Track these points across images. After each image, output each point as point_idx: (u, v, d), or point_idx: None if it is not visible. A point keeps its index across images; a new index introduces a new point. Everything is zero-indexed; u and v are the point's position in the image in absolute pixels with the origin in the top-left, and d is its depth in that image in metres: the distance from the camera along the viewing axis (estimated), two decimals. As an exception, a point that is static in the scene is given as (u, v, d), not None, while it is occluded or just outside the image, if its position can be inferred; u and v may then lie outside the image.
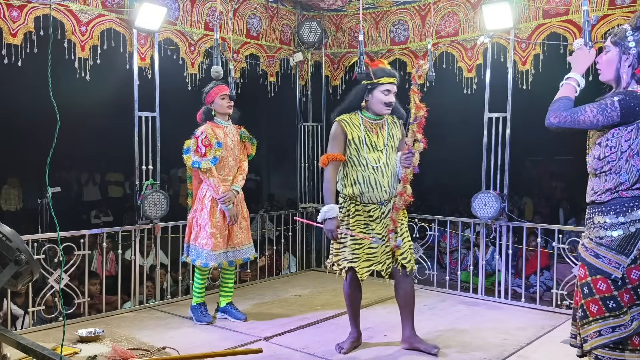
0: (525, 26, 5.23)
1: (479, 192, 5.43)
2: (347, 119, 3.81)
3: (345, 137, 3.78)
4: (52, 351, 2.28)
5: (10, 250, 2.38)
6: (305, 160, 6.79)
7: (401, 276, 3.84)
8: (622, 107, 2.38)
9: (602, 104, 2.42)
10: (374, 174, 3.77)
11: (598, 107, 2.41)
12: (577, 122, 2.42)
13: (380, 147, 3.81)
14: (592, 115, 2.41)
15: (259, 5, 6.10)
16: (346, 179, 3.83)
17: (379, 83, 3.76)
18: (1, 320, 4.47)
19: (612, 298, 2.40)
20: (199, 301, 4.64)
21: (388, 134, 3.86)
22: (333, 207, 3.71)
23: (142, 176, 5.17)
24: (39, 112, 5.56)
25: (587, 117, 2.41)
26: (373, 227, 3.79)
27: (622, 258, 2.39)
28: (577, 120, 2.42)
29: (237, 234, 4.60)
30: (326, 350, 3.98)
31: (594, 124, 2.43)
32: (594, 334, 2.44)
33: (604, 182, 2.48)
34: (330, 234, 3.74)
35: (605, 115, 2.40)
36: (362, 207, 3.80)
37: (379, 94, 3.77)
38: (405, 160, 3.69)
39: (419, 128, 3.67)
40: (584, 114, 2.42)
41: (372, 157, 3.79)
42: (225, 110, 4.56)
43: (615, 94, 2.46)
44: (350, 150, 3.79)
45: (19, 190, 11.26)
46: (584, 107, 2.43)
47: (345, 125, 3.79)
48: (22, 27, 4.39)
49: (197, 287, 4.63)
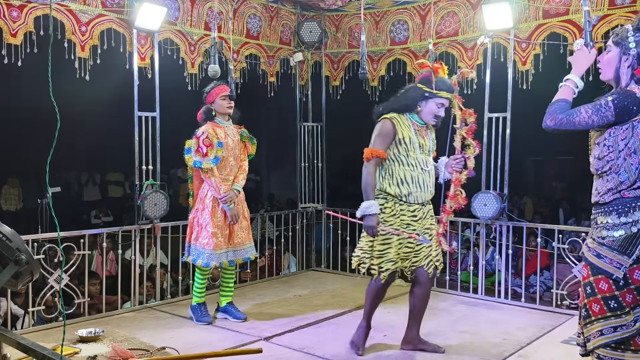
0: (525, 26, 5.23)
1: (479, 192, 5.43)
2: (397, 118, 3.75)
3: (394, 136, 3.72)
4: (52, 351, 2.28)
5: (10, 250, 2.38)
6: (305, 160, 6.79)
7: (429, 277, 3.82)
8: (615, 106, 2.40)
9: (596, 104, 2.44)
10: (422, 175, 3.74)
11: (593, 108, 2.43)
12: (572, 124, 2.45)
13: (426, 150, 3.83)
14: (587, 116, 2.43)
15: (259, 5, 6.10)
16: (391, 178, 3.74)
17: (437, 95, 3.71)
18: (1, 320, 4.47)
19: (613, 298, 2.41)
20: (199, 301, 4.64)
21: (431, 139, 3.89)
22: (373, 203, 3.63)
23: (142, 176, 5.17)
24: (39, 112, 5.57)
25: (582, 119, 2.43)
26: (415, 227, 3.74)
27: (624, 258, 2.39)
28: (573, 122, 2.44)
29: (237, 233, 4.60)
30: (326, 350, 3.98)
31: (589, 124, 2.45)
32: (596, 333, 2.46)
33: (605, 183, 2.49)
34: (370, 231, 3.65)
35: (599, 115, 2.42)
36: (407, 207, 3.74)
37: (433, 105, 3.73)
38: (457, 164, 3.75)
39: (470, 133, 3.74)
40: (579, 115, 2.44)
41: (421, 159, 3.77)
42: (226, 110, 4.56)
43: (610, 93, 2.48)
44: (399, 149, 3.73)
45: (19, 190, 11.27)
46: (579, 109, 2.45)
47: (397, 124, 3.73)
48: (22, 27, 4.39)
49: (198, 287, 4.63)
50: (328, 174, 7.01)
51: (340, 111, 7.48)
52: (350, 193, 11.92)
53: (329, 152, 6.99)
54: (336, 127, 7.23)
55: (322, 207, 6.86)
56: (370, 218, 3.62)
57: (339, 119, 7.56)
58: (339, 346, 4.04)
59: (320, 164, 6.82)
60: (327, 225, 6.84)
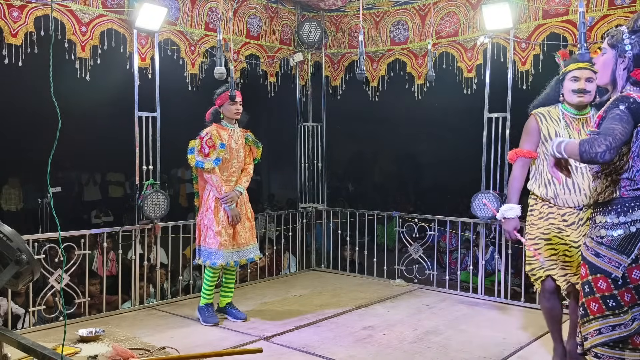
0: (525, 26, 5.23)
1: (479, 192, 5.44)
2: (544, 113, 3.48)
3: (539, 133, 3.45)
4: (52, 351, 2.28)
5: (10, 250, 2.38)
6: (305, 160, 6.80)
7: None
8: (630, 111, 2.33)
9: (615, 116, 2.33)
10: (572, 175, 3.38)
11: (619, 121, 2.31)
12: (618, 140, 2.28)
13: None
14: (622, 127, 2.30)
15: (259, 6, 6.11)
16: (540, 179, 3.47)
17: (567, 71, 3.40)
18: (2, 320, 4.48)
19: (612, 297, 2.42)
20: (207, 302, 4.64)
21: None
22: (513, 207, 3.45)
23: (143, 176, 5.17)
24: (40, 112, 5.58)
25: (620, 133, 2.29)
26: (568, 234, 3.38)
27: (623, 257, 2.40)
28: (617, 138, 2.27)
29: (241, 234, 4.61)
30: (326, 349, 3.98)
31: (628, 134, 2.31)
32: (594, 332, 2.47)
33: (605, 183, 2.50)
34: (507, 235, 3.53)
35: (627, 122, 2.32)
36: (557, 210, 3.42)
37: (567, 82, 3.39)
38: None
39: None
40: (615, 130, 2.28)
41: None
42: (233, 115, 4.61)
43: (614, 104, 2.40)
44: (545, 146, 3.42)
45: (19, 190, 11.28)
46: (612, 127, 2.30)
47: (539, 119, 3.46)
48: (22, 27, 4.40)
49: (207, 287, 4.62)
50: (328, 174, 7.01)
51: (340, 111, 7.49)
52: (350, 193, 11.83)
53: (329, 152, 7.00)
54: (336, 127, 7.24)
55: (322, 207, 6.87)
56: (507, 222, 3.47)
57: (339, 119, 7.57)
58: (338, 346, 4.05)
59: (320, 164, 6.83)
60: (327, 225, 6.84)
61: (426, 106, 6.59)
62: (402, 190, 14.34)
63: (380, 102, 6.46)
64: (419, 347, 4.04)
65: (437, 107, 8.77)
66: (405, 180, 15.07)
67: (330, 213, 6.90)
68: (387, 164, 15.75)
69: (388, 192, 14.46)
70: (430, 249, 6.64)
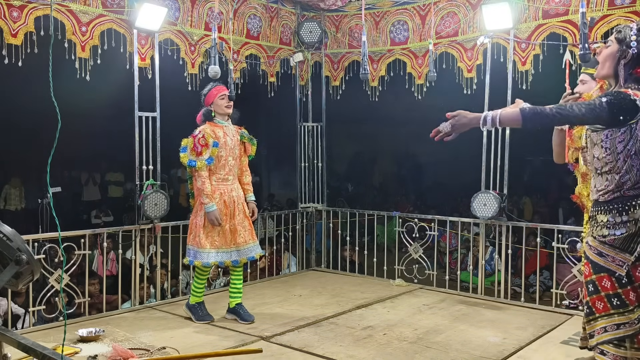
0: (525, 26, 5.23)
1: (479, 192, 5.44)
2: None
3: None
4: (52, 351, 2.28)
5: (10, 250, 2.38)
6: (305, 160, 6.80)
7: None
8: (610, 106, 2.34)
9: (590, 103, 2.39)
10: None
11: (586, 107, 2.37)
12: (567, 119, 2.39)
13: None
14: (581, 114, 2.36)
15: (259, 6, 6.11)
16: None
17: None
18: (2, 320, 4.48)
19: (616, 295, 2.43)
20: (197, 300, 4.63)
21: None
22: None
23: (143, 176, 5.18)
24: (40, 112, 5.57)
25: (575, 115, 2.37)
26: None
27: (627, 256, 2.41)
28: (567, 116, 2.38)
29: (240, 233, 4.59)
30: (326, 349, 3.98)
31: (582, 122, 2.41)
32: (600, 329, 2.49)
33: (605, 182, 2.50)
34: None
35: (594, 114, 2.36)
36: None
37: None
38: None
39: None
40: (572, 111, 2.37)
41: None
42: (225, 110, 4.56)
43: (604, 94, 2.43)
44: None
45: (19, 190, 11.27)
46: (572, 105, 2.38)
47: None
48: (22, 27, 4.40)
49: (197, 286, 4.63)
50: (328, 174, 7.01)
51: (340, 111, 7.49)
52: (350, 193, 11.82)
53: (328, 152, 7.00)
54: (336, 127, 7.24)
55: (322, 207, 6.87)
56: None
57: (339, 119, 7.56)
58: (338, 346, 4.05)
59: (320, 164, 6.83)
60: (327, 225, 6.84)
61: (426, 106, 6.59)
62: (402, 190, 14.35)
63: (380, 102, 6.46)
64: (419, 347, 4.03)
65: (437, 107, 8.76)
66: (405, 180, 15.08)
67: (330, 213, 6.90)
68: (387, 164, 15.76)
69: (388, 192, 14.47)
70: (430, 249, 6.64)
